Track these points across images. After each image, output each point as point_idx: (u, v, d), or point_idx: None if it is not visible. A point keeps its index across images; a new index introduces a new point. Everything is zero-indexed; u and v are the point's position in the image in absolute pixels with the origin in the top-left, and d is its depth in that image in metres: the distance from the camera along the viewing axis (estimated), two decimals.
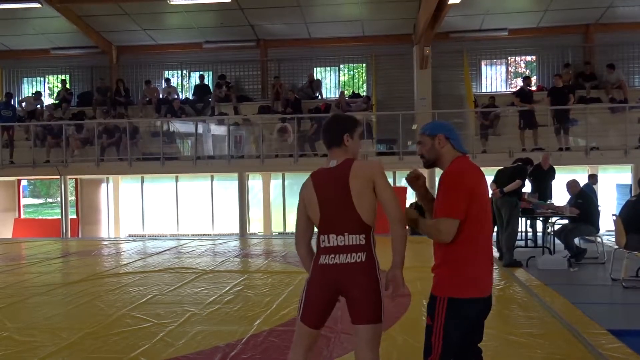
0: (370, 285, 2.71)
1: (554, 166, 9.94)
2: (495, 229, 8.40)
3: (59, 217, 14.25)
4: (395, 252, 2.73)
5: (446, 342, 2.62)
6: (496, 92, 15.69)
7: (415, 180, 2.92)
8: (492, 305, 2.78)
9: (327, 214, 2.80)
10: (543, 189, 9.37)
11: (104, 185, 16.22)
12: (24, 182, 18.16)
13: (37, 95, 16.23)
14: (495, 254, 8.70)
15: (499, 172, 8.38)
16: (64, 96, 16.33)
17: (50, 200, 31.89)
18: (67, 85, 16.89)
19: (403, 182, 9.58)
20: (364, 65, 16.56)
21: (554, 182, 9.80)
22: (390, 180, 11.57)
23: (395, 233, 2.73)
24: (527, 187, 8.79)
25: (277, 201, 15.37)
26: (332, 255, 2.75)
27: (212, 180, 15.68)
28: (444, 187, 2.68)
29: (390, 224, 2.74)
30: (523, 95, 13.20)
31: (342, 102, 14.71)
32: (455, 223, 2.59)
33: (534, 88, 14.35)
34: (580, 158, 12.50)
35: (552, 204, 8.95)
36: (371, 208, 2.74)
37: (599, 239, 8.31)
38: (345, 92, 15.80)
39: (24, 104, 15.74)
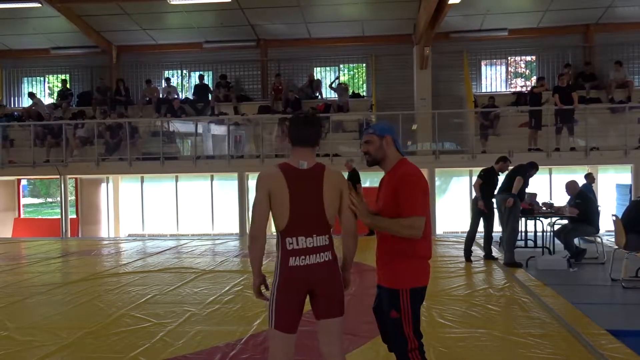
0: (337, 281, 2.91)
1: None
2: (499, 228, 8.43)
3: (59, 216, 14.26)
4: (348, 257, 3.04)
5: (415, 328, 2.95)
6: (496, 92, 15.70)
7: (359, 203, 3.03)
8: None
9: (297, 214, 2.80)
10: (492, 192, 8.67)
11: (103, 185, 16.21)
12: (23, 182, 18.15)
13: (31, 95, 16.25)
14: (498, 254, 8.71)
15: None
16: (64, 92, 16.35)
17: (50, 200, 31.92)
18: (67, 85, 16.89)
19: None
20: (364, 65, 16.57)
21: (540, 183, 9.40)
22: None
23: (349, 243, 3.01)
24: (530, 188, 8.79)
25: None
26: (302, 257, 2.81)
27: (212, 180, 15.68)
28: (407, 188, 2.91)
29: (345, 234, 3.00)
30: (561, 92, 12.38)
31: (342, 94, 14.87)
32: (424, 220, 2.90)
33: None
34: (580, 158, 12.50)
35: (552, 204, 8.96)
36: (335, 213, 2.93)
37: (598, 239, 8.31)
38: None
39: (35, 106, 15.76)
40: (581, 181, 9.36)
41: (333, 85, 15.62)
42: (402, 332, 2.94)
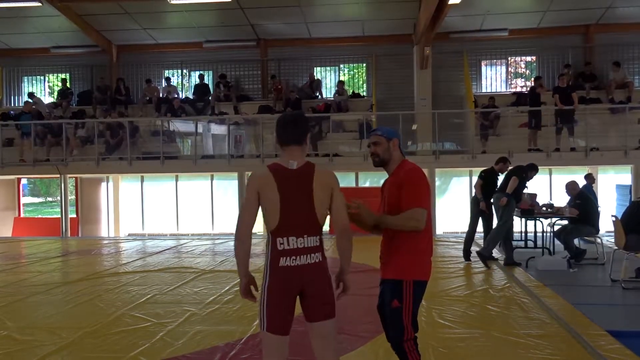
0: (328, 283, 2.86)
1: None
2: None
3: (59, 216, 14.26)
4: (344, 259, 2.96)
5: (413, 319, 3.08)
6: (496, 92, 15.69)
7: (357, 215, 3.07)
8: None
9: (287, 215, 2.78)
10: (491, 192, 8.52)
11: (103, 185, 16.21)
12: (23, 181, 18.16)
13: (30, 96, 16.25)
14: (498, 254, 8.71)
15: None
16: (64, 91, 16.36)
17: (50, 199, 31.94)
18: (68, 84, 16.88)
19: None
20: (364, 65, 16.56)
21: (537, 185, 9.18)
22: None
23: (344, 241, 2.92)
24: (530, 188, 8.80)
25: None
26: (293, 257, 2.78)
27: (212, 179, 15.68)
28: (411, 182, 3.07)
29: (338, 233, 2.93)
30: (561, 92, 12.36)
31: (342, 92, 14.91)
32: (425, 212, 3.04)
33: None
34: (580, 159, 12.49)
35: (552, 204, 8.96)
36: (325, 212, 2.90)
37: (598, 240, 8.31)
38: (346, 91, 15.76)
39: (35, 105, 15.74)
40: (581, 182, 9.36)
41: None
42: (400, 322, 3.05)
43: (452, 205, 14.27)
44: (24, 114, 14.90)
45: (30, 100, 15.86)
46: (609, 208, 11.91)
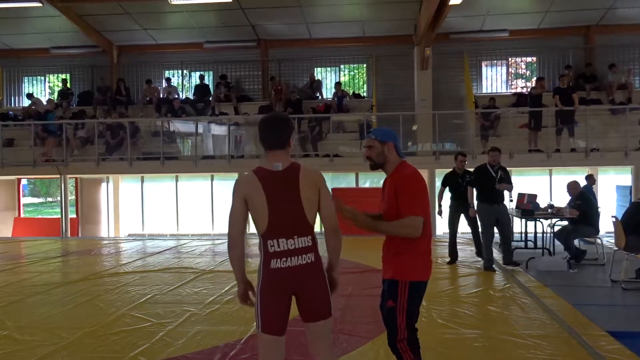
0: (322, 283, 2.85)
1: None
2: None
3: (59, 216, 14.26)
4: (333, 255, 2.97)
5: (408, 320, 3.07)
6: (496, 93, 15.69)
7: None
8: None
9: (276, 217, 2.77)
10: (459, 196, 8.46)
11: (104, 185, 16.21)
12: (23, 181, 18.15)
13: (29, 96, 16.24)
14: (497, 255, 8.69)
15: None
16: (65, 92, 16.36)
17: (50, 199, 31.93)
18: (68, 85, 16.88)
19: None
20: (365, 65, 16.56)
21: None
22: None
23: (333, 241, 2.94)
24: (530, 189, 8.76)
25: None
26: (284, 259, 2.76)
27: (212, 180, 15.68)
28: (408, 190, 3.07)
29: (327, 232, 2.93)
30: (562, 93, 12.37)
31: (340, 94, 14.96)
32: (421, 220, 3.03)
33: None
34: (580, 159, 12.49)
35: (552, 204, 8.95)
36: (315, 212, 2.88)
37: (598, 241, 8.30)
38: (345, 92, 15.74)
39: (34, 106, 15.73)
40: (582, 182, 9.35)
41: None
42: (394, 321, 3.06)
43: None
44: (49, 113, 14.84)
45: (29, 100, 15.87)
46: (609, 209, 11.90)
